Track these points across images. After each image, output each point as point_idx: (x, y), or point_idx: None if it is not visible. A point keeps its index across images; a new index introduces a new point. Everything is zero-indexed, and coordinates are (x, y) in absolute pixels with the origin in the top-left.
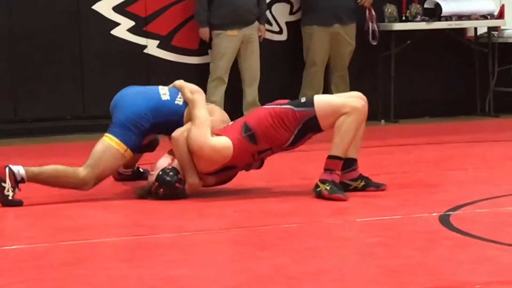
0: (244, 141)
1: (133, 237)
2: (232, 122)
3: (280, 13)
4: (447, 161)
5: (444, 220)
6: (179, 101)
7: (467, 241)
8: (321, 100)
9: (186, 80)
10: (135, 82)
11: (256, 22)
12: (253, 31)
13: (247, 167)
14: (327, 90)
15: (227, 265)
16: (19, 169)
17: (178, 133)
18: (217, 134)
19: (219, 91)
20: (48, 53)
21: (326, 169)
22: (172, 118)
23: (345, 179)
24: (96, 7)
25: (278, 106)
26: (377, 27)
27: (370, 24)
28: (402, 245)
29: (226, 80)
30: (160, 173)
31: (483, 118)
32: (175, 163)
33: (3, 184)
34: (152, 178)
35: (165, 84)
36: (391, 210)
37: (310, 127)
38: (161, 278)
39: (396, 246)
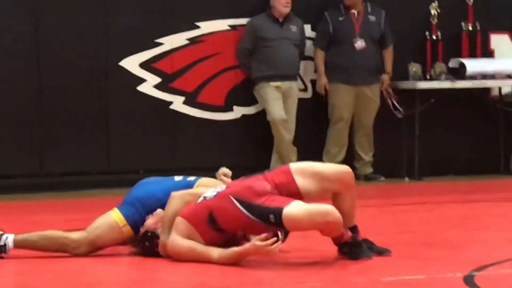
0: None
1: None
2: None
3: (306, 71)
4: (471, 220)
5: (469, 281)
6: (190, 178)
7: None
8: (289, 218)
9: (210, 137)
10: (160, 138)
11: (298, 78)
12: (294, 86)
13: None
14: (351, 148)
15: None
16: (7, 236)
17: (178, 193)
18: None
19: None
20: (75, 108)
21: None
22: None
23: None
24: (123, 63)
25: (245, 211)
26: (397, 102)
27: (390, 101)
28: None
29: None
30: (143, 234)
31: (507, 177)
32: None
33: None
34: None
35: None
36: (415, 270)
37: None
38: None
39: None
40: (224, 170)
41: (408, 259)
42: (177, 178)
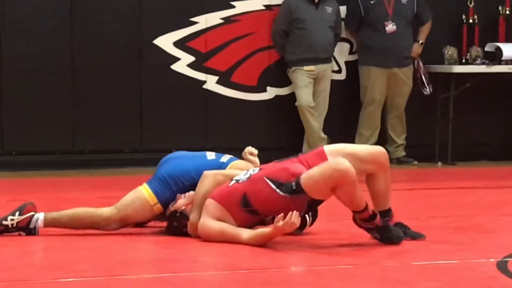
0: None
1: (188, 274)
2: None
3: (340, 52)
4: (505, 206)
5: (502, 266)
6: (223, 159)
7: None
8: (306, 180)
9: (243, 117)
10: (193, 117)
11: (332, 60)
12: (328, 68)
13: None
14: (383, 131)
15: None
16: (38, 218)
17: (211, 172)
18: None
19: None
20: (108, 86)
21: (361, 222)
22: None
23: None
24: (157, 41)
25: (278, 190)
26: (426, 77)
27: (419, 75)
28: None
29: (313, 111)
30: (172, 214)
31: None
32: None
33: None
34: (169, 211)
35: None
36: (448, 254)
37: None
38: None
39: None
40: (250, 149)
41: (441, 243)
42: (209, 154)
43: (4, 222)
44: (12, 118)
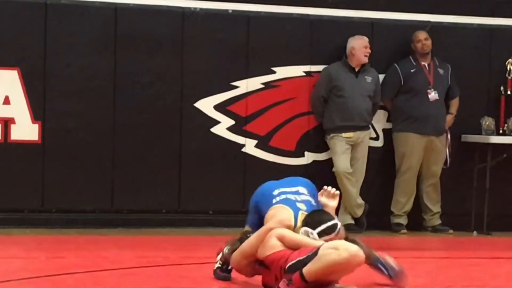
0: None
1: None
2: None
3: (377, 119)
4: None
5: None
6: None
7: None
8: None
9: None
10: (231, 180)
11: (370, 128)
12: (366, 135)
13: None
14: (418, 198)
15: None
16: None
17: (278, 231)
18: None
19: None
20: (148, 147)
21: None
22: None
23: None
24: (198, 104)
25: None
26: (450, 150)
27: (447, 147)
28: None
29: (350, 177)
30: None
31: None
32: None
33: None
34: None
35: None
36: None
37: None
38: None
39: None
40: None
41: None
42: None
43: None
44: (53, 176)
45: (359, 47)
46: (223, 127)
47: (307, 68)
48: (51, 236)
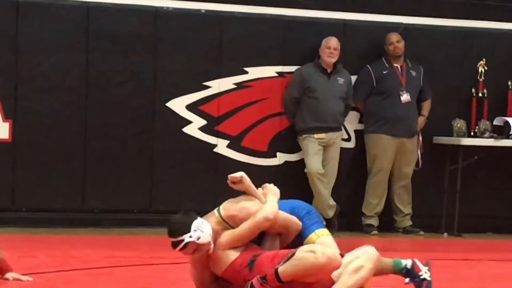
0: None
1: None
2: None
3: (349, 120)
4: (510, 279)
5: None
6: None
7: None
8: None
9: (254, 181)
10: (203, 180)
11: (342, 129)
12: (337, 136)
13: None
14: (389, 199)
15: None
16: None
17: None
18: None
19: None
20: (120, 146)
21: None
22: None
23: None
24: (170, 104)
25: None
26: (421, 152)
27: (418, 149)
28: None
29: (322, 178)
30: None
31: None
32: None
33: None
34: None
35: None
36: None
37: None
38: None
39: None
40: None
41: None
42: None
43: None
44: (23, 175)
45: (322, 48)
46: (195, 127)
47: (280, 68)
48: (21, 235)
